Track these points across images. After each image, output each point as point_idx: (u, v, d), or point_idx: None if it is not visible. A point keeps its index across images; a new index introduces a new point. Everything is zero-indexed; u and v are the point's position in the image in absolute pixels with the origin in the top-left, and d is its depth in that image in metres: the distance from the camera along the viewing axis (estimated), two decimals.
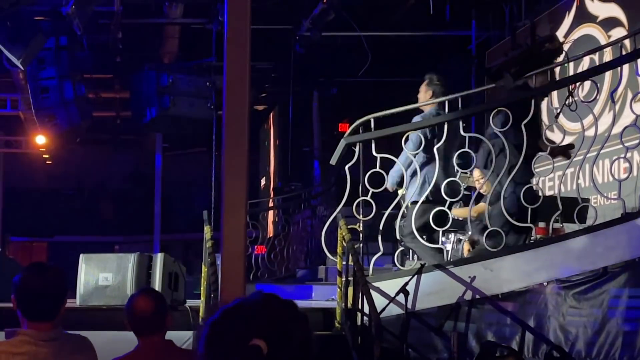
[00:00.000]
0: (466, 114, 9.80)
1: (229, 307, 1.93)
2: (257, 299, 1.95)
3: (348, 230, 8.98)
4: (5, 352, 4.19)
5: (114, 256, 9.91)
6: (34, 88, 14.66)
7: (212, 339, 1.89)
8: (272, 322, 1.89)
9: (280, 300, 1.97)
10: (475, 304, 8.59)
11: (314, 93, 18.56)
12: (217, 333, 1.89)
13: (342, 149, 9.36)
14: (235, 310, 1.92)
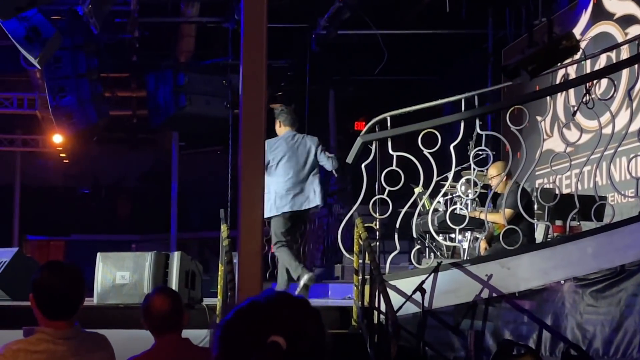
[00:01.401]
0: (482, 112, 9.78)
1: (242, 307, 1.92)
2: (269, 297, 1.94)
3: (364, 228, 8.97)
4: (23, 350, 4.20)
5: (131, 255, 9.93)
6: (50, 87, 14.69)
7: (227, 339, 1.89)
8: (286, 319, 1.88)
9: (292, 297, 1.96)
10: (492, 302, 8.58)
11: (330, 91, 18.55)
12: (233, 333, 1.89)
13: (358, 147, 9.36)
14: (249, 309, 1.91)
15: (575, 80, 9.41)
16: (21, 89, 20.21)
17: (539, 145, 9.24)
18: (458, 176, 9.82)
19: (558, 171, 10.11)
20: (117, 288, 9.23)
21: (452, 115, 9.52)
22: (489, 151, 9.61)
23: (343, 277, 13.09)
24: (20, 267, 10.09)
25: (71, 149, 22.50)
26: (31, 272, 4.41)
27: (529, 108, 9.40)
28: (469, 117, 9.29)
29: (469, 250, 10.08)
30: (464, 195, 9.99)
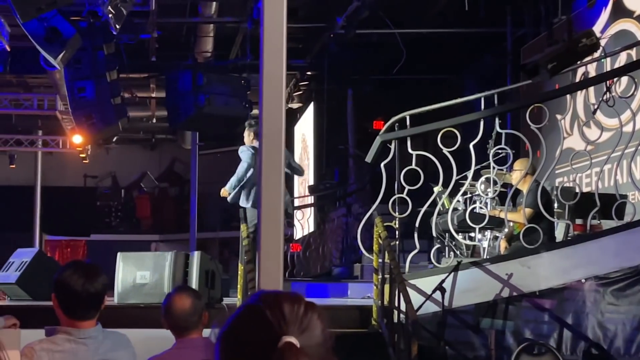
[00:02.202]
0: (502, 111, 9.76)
1: (240, 315, 1.90)
2: (264, 298, 1.92)
3: (384, 227, 8.97)
4: (45, 349, 4.22)
5: (151, 254, 9.98)
6: (70, 88, 14.73)
7: (231, 350, 1.87)
8: (291, 317, 1.87)
9: (288, 294, 1.95)
10: (512, 301, 8.56)
11: (348, 91, 18.53)
12: (237, 343, 1.87)
13: (377, 146, 9.35)
14: (249, 315, 1.89)
15: (595, 78, 9.38)
16: (41, 90, 20.30)
17: (559, 144, 9.22)
18: (477, 175, 9.79)
19: (578, 170, 10.08)
20: (138, 288, 9.26)
21: (472, 114, 9.50)
22: (509, 150, 9.58)
23: (362, 277, 13.08)
24: (41, 268, 10.13)
25: (91, 150, 22.60)
26: (51, 272, 4.43)
27: (549, 106, 9.37)
28: (489, 116, 9.27)
29: (488, 249, 10.05)
30: (483, 194, 9.96)
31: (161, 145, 26.61)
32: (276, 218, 5.23)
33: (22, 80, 20.02)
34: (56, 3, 10.08)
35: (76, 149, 21.75)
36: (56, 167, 25.25)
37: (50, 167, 24.75)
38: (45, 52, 11.49)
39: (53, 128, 22.39)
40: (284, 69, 5.42)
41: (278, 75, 5.38)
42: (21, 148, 23.35)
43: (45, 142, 23.46)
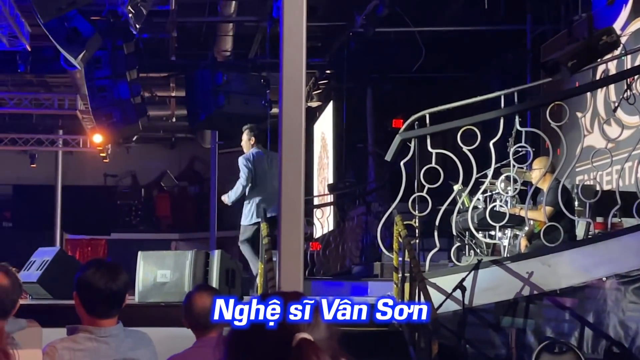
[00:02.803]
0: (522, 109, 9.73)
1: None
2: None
3: (404, 226, 8.96)
4: (67, 348, 4.24)
5: (172, 253, 10.00)
6: (90, 87, 14.78)
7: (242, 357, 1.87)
8: None
9: (286, 293, 1.95)
10: (533, 300, 8.54)
11: (368, 89, 18.51)
12: (248, 349, 1.87)
13: (397, 144, 9.35)
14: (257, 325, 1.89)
15: (615, 76, 9.34)
16: (62, 89, 20.38)
17: (579, 142, 9.18)
18: (497, 173, 9.77)
19: (599, 167, 10.03)
20: (158, 286, 9.29)
21: (492, 112, 9.48)
22: (529, 148, 9.56)
23: (382, 275, 13.04)
24: (62, 266, 10.17)
25: (111, 149, 22.68)
26: (73, 271, 4.45)
27: (569, 104, 9.34)
28: (509, 114, 9.25)
29: (509, 248, 10.03)
30: (503, 193, 9.94)
31: (181, 144, 26.66)
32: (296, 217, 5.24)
33: (42, 80, 20.11)
34: (76, 3, 10.13)
35: (96, 148, 21.83)
36: (76, 167, 25.34)
37: (71, 166, 24.84)
38: (65, 51, 11.53)
39: (73, 127, 22.49)
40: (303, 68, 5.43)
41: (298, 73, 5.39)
42: (42, 147, 23.46)
43: (66, 141, 23.56)
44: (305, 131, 5.59)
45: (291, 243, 5.17)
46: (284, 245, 5.17)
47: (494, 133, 9.18)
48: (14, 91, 20.23)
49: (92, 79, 14.65)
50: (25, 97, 20.37)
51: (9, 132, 22.87)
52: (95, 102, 14.84)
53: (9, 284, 4.33)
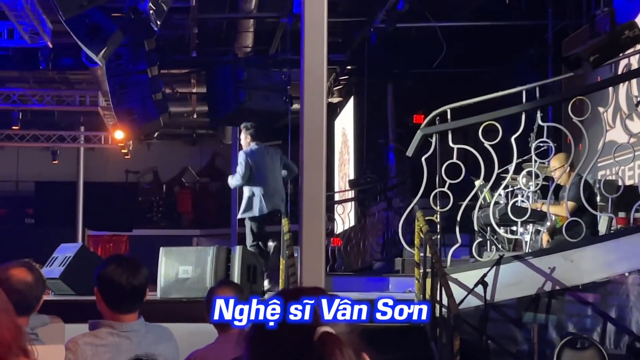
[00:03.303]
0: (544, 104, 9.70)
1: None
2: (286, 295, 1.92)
3: (425, 221, 8.95)
4: (89, 343, 4.25)
5: (194, 249, 10.05)
6: (112, 84, 14.82)
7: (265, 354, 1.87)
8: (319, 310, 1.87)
9: (306, 288, 1.94)
10: (555, 295, 8.51)
11: (389, 85, 18.49)
12: (271, 344, 1.87)
13: (418, 140, 9.33)
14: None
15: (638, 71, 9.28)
16: (83, 86, 20.46)
17: (601, 137, 9.14)
18: (519, 168, 9.74)
19: (621, 162, 9.98)
20: (180, 282, 9.32)
21: (513, 107, 9.44)
22: (551, 143, 9.52)
23: (403, 271, 13.04)
24: (84, 262, 10.22)
25: (132, 145, 22.74)
26: (94, 267, 4.46)
27: (591, 99, 9.30)
28: (530, 109, 9.21)
29: (530, 243, 9.99)
30: (525, 188, 9.91)
31: (202, 140, 26.71)
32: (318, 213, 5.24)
33: (64, 77, 20.18)
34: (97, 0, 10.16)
35: (118, 144, 21.90)
36: (98, 163, 25.44)
37: (93, 162, 24.94)
38: (87, 48, 11.57)
39: (95, 124, 22.57)
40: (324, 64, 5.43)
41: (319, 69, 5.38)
42: (64, 144, 23.56)
43: (88, 138, 23.65)
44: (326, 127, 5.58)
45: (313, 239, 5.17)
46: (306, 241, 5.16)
47: (516, 128, 9.15)
48: (35, 88, 20.33)
49: (113, 75, 14.69)
50: (47, 94, 20.45)
51: (31, 129, 22.97)
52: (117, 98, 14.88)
53: (32, 280, 4.35)
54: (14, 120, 21.10)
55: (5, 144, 23.61)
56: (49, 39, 14.66)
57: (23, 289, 4.24)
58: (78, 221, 23.85)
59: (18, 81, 20.23)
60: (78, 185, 24.09)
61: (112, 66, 14.41)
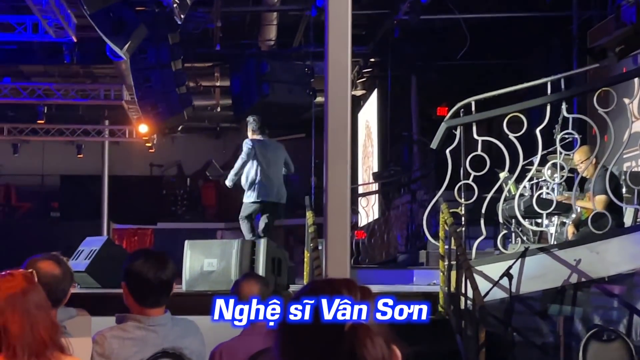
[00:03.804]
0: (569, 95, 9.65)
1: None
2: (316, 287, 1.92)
3: (450, 214, 8.94)
4: (116, 336, 4.28)
5: (218, 242, 10.07)
6: (136, 78, 14.89)
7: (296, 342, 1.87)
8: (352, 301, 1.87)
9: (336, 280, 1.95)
10: (580, 287, 8.47)
11: (412, 77, 18.45)
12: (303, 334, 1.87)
13: (442, 132, 9.31)
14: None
15: None
16: (107, 80, 20.53)
17: (627, 128, 9.09)
18: (544, 160, 9.70)
19: None
20: (205, 275, 9.34)
21: (538, 99, 9.40)
22: (576, 134, 9.48)
23: (428, 263, 13.03)
24: (110, 255, 10.26)
25: (156, 139, 22.81)
26: (120, 261, 4.48)
27: (617, 90, 9.25)
28: (555, 100, 9.17)
29: (556, 235, 9.96)
30: (550, 180, 9.87)
31: (226, 133, 26.74)
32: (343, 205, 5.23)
33: (88, 71, 20.26)
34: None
35: (142, 138, 21.98)
36: (123, 157, 25.52)
37: (117, 156, 25.01)
38: (111, 42, 11.62)
39: (119, 118, 22.64)
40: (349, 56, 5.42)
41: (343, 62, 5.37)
42: (88, 138, 23.65)
43: (112, 131, 23.73)
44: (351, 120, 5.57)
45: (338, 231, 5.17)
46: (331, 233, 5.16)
47: (541, 120, 9.12)
48: (60, 82, 20.42)
49: (137, 69, 14.75)
50: (71, 88, 20.53)
51: (56, 123, 23.08)
52: (141, 92, 14.94)
53: (60, 273, 4.38)
54: (39, 115, 21.18)
55: (30, 138, 23.72)
56: (73, 33, 14.71)
57: (51, 282, 4.26)
58: (103, 215, 23.94)
59: (43, 75, 20.33)
60: (103, 179, 24.18)
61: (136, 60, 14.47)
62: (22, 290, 3.40)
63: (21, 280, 3.46)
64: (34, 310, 3.39)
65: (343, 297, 1.85)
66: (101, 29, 11.36)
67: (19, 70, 19.90)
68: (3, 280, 3.44)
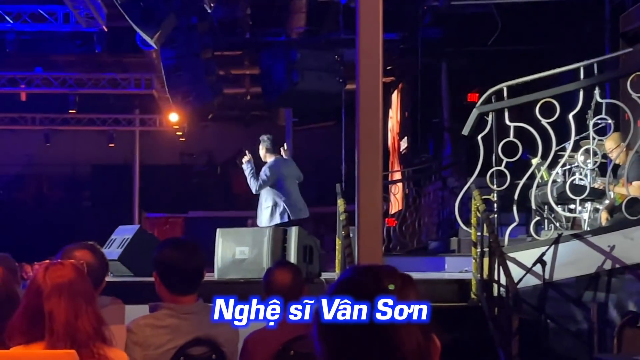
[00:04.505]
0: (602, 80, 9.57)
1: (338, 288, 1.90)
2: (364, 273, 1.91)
3: (482, 200, 8.90)
4: (150, 325, 4.30)
5: (250, 230, 10.09)
6: (166, 67, 14.91)
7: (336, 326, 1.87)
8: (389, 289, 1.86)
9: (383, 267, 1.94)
10: (615, 274, 8.40)
11: (443, 63, 18.38)
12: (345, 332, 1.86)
13: (474, 118, 9.27)
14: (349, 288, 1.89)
15: None
16: (138, 69, 20.58)
17: None
18: (577, 146, 9.63)
19: None
20: (237, 263, 9.36)
21: (571, 84, 9.33)
22: (609, 120, 9.40)
23: (459, 250, 12.98)
24: (142, 244, 10.31)
25: (187, 127, 22.86)
26: (152, 249, 4.51)
27: None
28: (588, 86, 9.10)
29: (589, 221, 9.89)
30: (583, 166, 9.80)
31: (256, 122, 26.75)
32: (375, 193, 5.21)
33: (118, 61, 20.32)
34: None
35: (173, 127, 22.05)
36: (153, 146, 25.60)
37: (148, 145, 25.10)
38: (141, 31, 11.65)
39: (150, 107, 22.72)
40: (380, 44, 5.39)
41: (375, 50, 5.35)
42: (119, 127, 23.76)
43: (143, 120, 23.83)
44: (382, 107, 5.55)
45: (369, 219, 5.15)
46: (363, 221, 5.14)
47: (573, 105, 9.05)
48: (91, 72, 20.50)
49: (167, 58, 14.77)
50: (102, 77, 20.63)
51: (87, 113, 23.19)
52: (171, 81, 14.97)
53: (95, 262, 4.41)
54: (70, 104, 21.29)
55: (62, 127, 23.87)
56: (103, 23, 14.77)
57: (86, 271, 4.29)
58: (134, 204, 24.07)
59: (74, 65, 20.41)
60: (134, 168, 24.30)
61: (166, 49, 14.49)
62: (70, 280, 3.45)
63: (71, 270, 3.50)
64: (81, 300, 3.44)
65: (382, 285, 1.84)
66: (131, 18, 11.39)
67: (50, 60, 19.99)
68: (53, 268, 3.48)
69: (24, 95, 20.93)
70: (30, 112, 23.47)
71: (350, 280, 1.90)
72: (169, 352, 4.27)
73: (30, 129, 24.00)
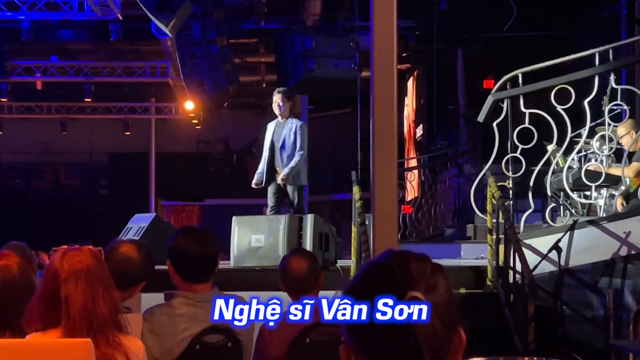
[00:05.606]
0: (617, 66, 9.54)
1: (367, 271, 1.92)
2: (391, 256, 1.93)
3: (497, 187, 8.89)
4: (165, 313, 4.32)
5: (266, 218, 10.08)
6: (182, 55, 14.92)
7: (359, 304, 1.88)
8: (417, 274, 1.87)
9: (414, 254, 1.95)
10: (631, 260, 8.39)
11: (458, 50, 18.34)
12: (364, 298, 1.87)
13: (489, 105, 9.25)
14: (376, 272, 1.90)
15: None
16: (153, 57, 20.60)
17: None
18: (592, 132, 9.60)
19: None
20: (253, 251, 9.37)
21: (586, 70, 9.30)
22: (624, 106, 9.37)
23: (475, 237, 12.98)
24: (159, 232, 10.31)
25: (203, 115, 22.88)
26: (169, 237, 4.53)
27: None
28: (604, 72, 9.07)
29: (605, 207, 9.86)
30: (598, 152, 9.77)
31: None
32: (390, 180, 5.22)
33: (134, 49, 20.35)
34: None
35: (189, 115, 22.08)
36: (169, 134, 25.64)
37: (164, 133, 25.15)
38: (156, 19, 11.65)
39: (165, 95, 22.75)
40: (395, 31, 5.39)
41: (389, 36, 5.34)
42: (135, 115, 23.82)
43: (159, 109, 23.87)
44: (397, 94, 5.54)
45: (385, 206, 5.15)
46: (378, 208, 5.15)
47: (589, 91, 9.02)
48: (106, 60, 20.55)
49: (183, 46, 14.78)
50: (118, 65, 20.67)
51: (103, 101, 23.25)
52: (187, 69, 14.98)
53: (136, 257, 4.50)
54: (86, 93, 21.36)
55: (78, 116, 23.94)
56: (118, 11, 14.78)
57: (125, 264, 4.37)
58: (151, 192, 24.14)
59: (89, 53, 20.46)
60: (150, 156, 24.35)
61: (182, 37, 14.50)
62: (87, 265, 3.47)
63: (88, 256, 3.52)
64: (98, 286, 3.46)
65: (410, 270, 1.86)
66: (146, 6, 11.40)
67: (65, 48, 20.04)
68: (71, 253, 3.51)
69: (39, 84, 21.01)
70: (46, 101, 23.55)
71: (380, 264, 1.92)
72: (185, 340, 4.29)
73: (46, 117, 24.09)
